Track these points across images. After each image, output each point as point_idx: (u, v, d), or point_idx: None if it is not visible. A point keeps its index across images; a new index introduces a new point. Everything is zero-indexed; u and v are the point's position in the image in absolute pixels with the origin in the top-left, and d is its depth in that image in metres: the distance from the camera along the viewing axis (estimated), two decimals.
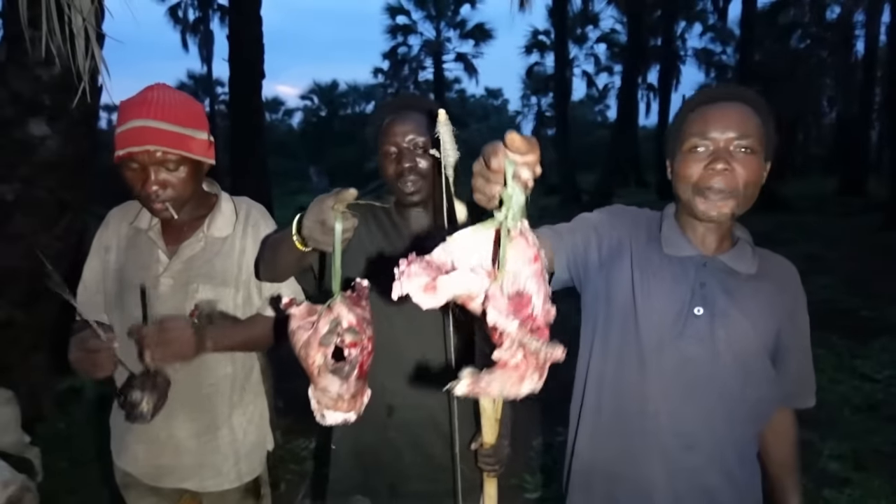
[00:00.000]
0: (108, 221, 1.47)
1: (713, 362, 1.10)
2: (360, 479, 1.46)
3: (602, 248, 1.16)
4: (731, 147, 1.04)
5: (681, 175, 1.09)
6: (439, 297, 0.59)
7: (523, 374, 0.59)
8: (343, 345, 0.83)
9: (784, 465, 1.25)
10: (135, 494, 1.46)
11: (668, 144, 1.16)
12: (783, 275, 1.18)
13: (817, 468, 2.99)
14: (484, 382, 0.59)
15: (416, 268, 0.59)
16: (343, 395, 0.83)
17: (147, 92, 1.30)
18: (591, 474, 1.22)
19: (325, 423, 0.87)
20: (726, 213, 1.07)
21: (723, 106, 1.07)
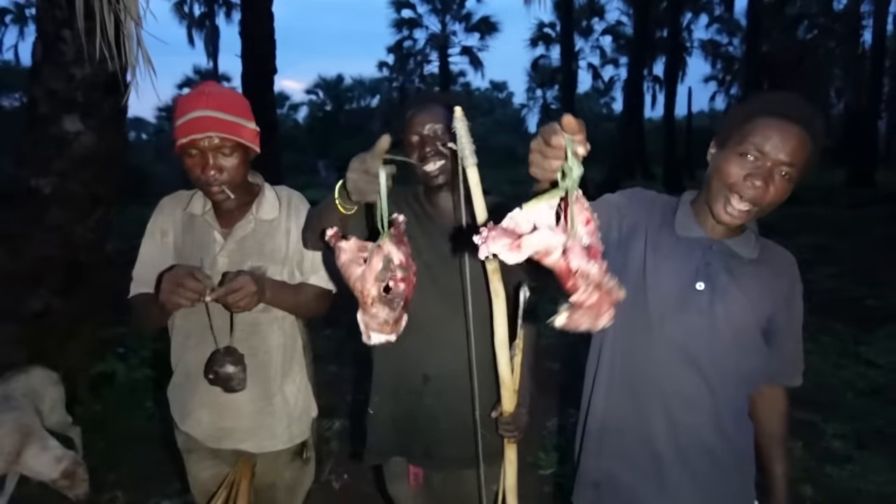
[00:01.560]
0: (162, 208, 1.60)
1: (711, 334, 1.22)
2: (397, 442, 1.59)
3: (622, 227, 1.28)
4: (776, 168, 1.13)
5: (722, 170, 1.17)
6: (523, 253, 0.72)
7: (601, 309, 0.73)
8: (393, 280, 0.97)
9: (773, 436, 1.37)
10: (196, 457, 1.61)
11: (722, 128, 1.24)
12: (782, 263, 1.29)
13: (820, 446, 3.11)
14: (577, 316, 0.73)
15: (496, 233, 0.71)
16: (389, 320, 0.98)
17: (202, 87, 1.46)
18: (603, 431, 1.35)
19: (370, 343, 1.01)
20: (737, 223, 1.19)
21: (786, 126, 1.12)
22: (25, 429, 2.41)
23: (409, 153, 1.52)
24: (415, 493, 1.67)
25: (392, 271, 0.96)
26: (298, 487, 1.69)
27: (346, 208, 1.24)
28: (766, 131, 1.13)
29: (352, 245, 1.00)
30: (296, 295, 1.53)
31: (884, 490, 2.72)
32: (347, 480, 2.90)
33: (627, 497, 1.32)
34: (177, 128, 1.40)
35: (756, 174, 1.13)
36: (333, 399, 3.72)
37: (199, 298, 1.30)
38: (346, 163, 1.26)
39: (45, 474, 2.38)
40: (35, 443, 2.39)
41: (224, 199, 1.45)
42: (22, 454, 2.36)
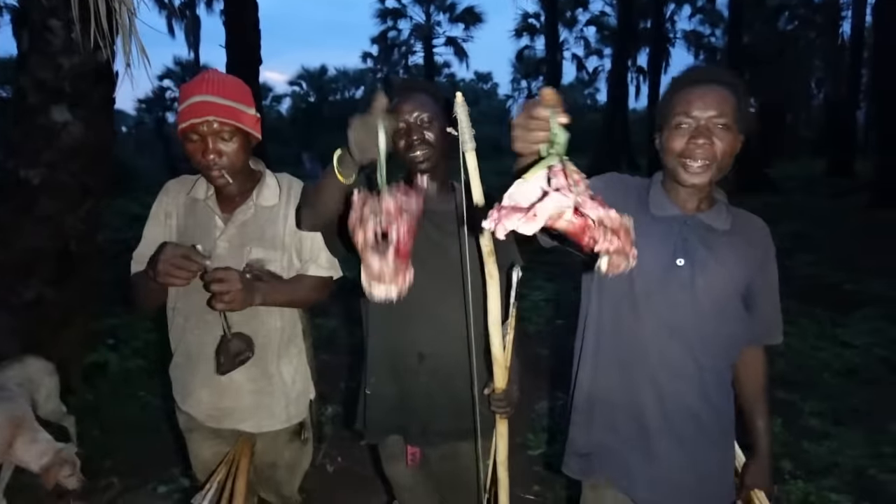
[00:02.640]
0: (167, 190, 1.63)
1: (694, 306, 1.30)
2: (394, 421, 1.64)
3: None
4: (710, 124, 1.23)
5: (668, 147, 1.28)
6: (538, 222, 0.76)
7: (627, 249, 0.79)
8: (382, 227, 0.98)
9: (754, 393, 1.46)
10: (197, 437, 1.66)
11: (657, 119, 1.35)
12: (755, 231, 1.38)
13: (799, 424, 3.23)
14: (614, 261, 0.78)
15: (505, 211, 0.76)
16: (384, 270, 0.98)
17: (204, 74, 1.49)
18: (591, 405, 1.43)
19: (371, 297, 1.01)
20: (705, 180, 1.26)
21: (704, 88, 1.24)
22: (17, 420, 2.42)
23: (395, 139, 1.55)
24: (412, 472, 1.72)
25: (376, 214, 0.98)
26: (297, 467, 1.74)
27: (345, 175, 1.27)
28: (686, 98, 1.25)
29: (359, 198, 1.01)
30: (292, 291, 1.57)
31: (858, 463, 2.84)
32: (342, 463, 2.96)
33: (618, 465, 1.40)
34: (179, 113, 1.44)
35: (696, 135, 1.23)
36: (327, 386, 3.77)
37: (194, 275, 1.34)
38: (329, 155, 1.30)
39: (30, 466, 2.39)
40: (26, 434, 2.40)
41: (224, 184, 1.49)
42: (12, 444, 2.37)
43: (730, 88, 1.25)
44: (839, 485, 2.65)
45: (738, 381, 1.44)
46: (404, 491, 1.77)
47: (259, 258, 1.52)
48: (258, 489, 1.75)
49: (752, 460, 1.46)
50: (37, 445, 2.38)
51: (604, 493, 1.45)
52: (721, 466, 1.42)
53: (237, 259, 1.52)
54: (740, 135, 1.26)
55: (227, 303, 1.38)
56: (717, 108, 1.22)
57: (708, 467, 1.39)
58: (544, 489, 2.74)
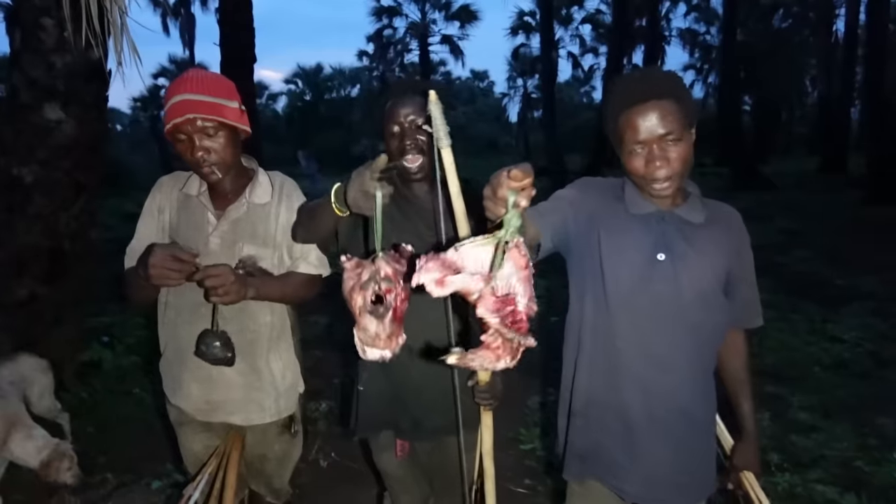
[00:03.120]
0: (160, 186, 1.65)
1: (678, 298, 1.32)
2: (386, 417, 1.66)
3: (578, 219, 1.38)
4: (662, 143, 1.26)
5: (629, 169, 1.31)
6: (446, 290, 0.81)
7: (499, 355, 0.82)
8: (381, 292, 1.02)
9: (738, 377, 1.50)
10: (189, 430, 1.68)
11: (609, 136, 1.36)
12: (729, 220, 1.41)
13: (787, 417, 3.27)
14: (469, 359, 0.82)
15: (431, 264, 0.80)
16: (380, 333, 1.01)
17: (185, 73, 1.51)
18: (588, 407, 1.45)
19: (366, 359, 1.05)
20: (673, 190, 1.30)
21: (645, 109, 1.24)
22: (11, 417, 2.43)
23: (387, 143, 1.56)
24: (401, 463, 1.75)
25: (377, 283, 1.01)
26: (287, 459, 1.76)
27: (341, 210, 1.32)
28: (630, 123, 1.26)
29: (351, 263, 1.06)
30: (283, 287, 1.59)
31: (845, 455, 2.88)
32: (335, 458, 2.98)
33: (608, 464, 1.42)
34: (164, 115, 1.46)
35: (651, 158, 1.26)
36: (320, 382, 3.79)
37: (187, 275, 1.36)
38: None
39: (29, 462, 2.39)
40: (20, 431, 2.41)
41: (216, 180, 1.51)
42: (7, 442, 2.38)
43: (670, 97, 1.26)
44: (826, 477, 2.68)
45: (721, 366, 1.47)
46: (394, 481, 1.80)
47: (251, 255, 1.54)
48: (249, 482, 1.77)
49: (741, 443, 1.50)
50: (33, 441, 2.40)
51: (590, 486, 1.48)
52: (705, 456, 1.45)
53: (229, 255, 1.54)
54: (691, 131, 1.29)
55: (221, 296, 1.39)
56: (662, 125, 1.24)
57: (693, 459, 1.41)
58: (535, 483, 2.77)
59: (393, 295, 1.01)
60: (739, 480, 1.53)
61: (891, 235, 8.39)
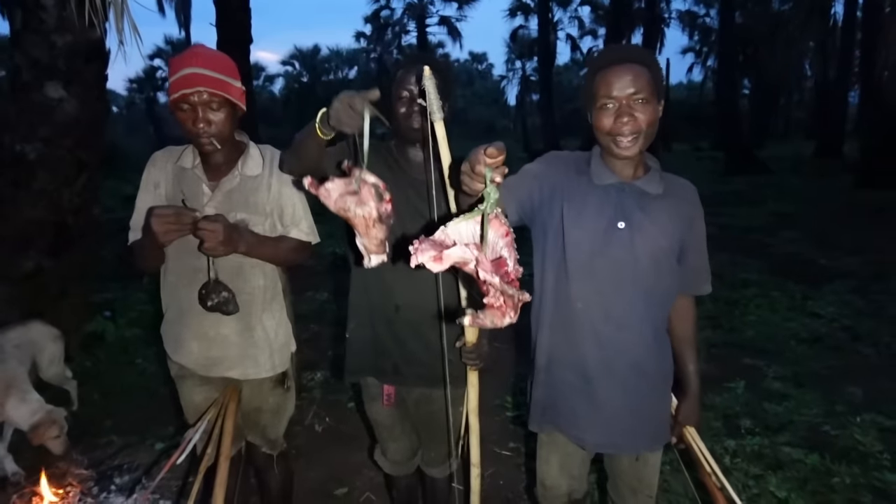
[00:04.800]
0: (154, 161, 1.76)
1: (635, 263, 1.45)
2: (370, 362, 1.80)
3: (543, 190, 1.50)
4: (631, 101, 1.38)
5: (598, 126, 1.43)
6: (445, 264, 0.90)
7: (504, 311, 0.91)
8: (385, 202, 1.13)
9: (685, 339, 1.62)
10: (189, 383, 1.81)
11: (583, 99, 1.49)
12: (684, 193, 1.53)
13: (761, 387, 3.42)
14: (480, 318, 0.91)
15: (425, 245, 0.91)
16: (383, 239, 1.13)
17: (193, 48, 1.62)
18: (549, 363, 1.58)
19: (370, 265, 1.15)
20: (635, 151, 1.41)
21: (619, 69, 1.36)
22: (9, 379, 2.49)
23: (396, 107, 1.66)
24: (389, 412, 1.88)
25: (383, 194, 1.12)
26: (282, 411, 1.90)
27: (324, 133, 1.40)
28: (605, 80, 1.39)
29: (338, 183, 1.13)
30: (275, 248, 1.70)
31: (812, 421, 3.03)
32: (329, 423, 3.14)
33: (568, 414, 1.55)
34: (170, 84, 1.57)
35: (620, 114, 1.37)
36: (315, 354, 3.95)
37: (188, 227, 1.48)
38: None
39: (21, 425, 2.43)
40: (15, 394, 2.45)
41: (212, 151, 1.63)
42: (4, 404, 2.43)
43: (643, 64, 1.39)
44: (793, 439, 2.84)
45: (671, 329, 1.60)
46: (383, 429, 1.94)
47: (243, 218, 1.66)
48: (245, 433, 1.91)
49: (684, 400, 1.62)
50: (27, 405, 2.44)
51: (556, 437, 1.62)
52: (660, 409, 1.59)
53: None
54: (659, 103, 1.41)
55: (212, 243, 1.49)
56: (634, 85, 1.36)
57: (649, 410, 1.55)
58: (519, 445, 2.92)
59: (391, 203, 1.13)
60: (682, 434, 1.66)
61: (879, 218, 8.53)
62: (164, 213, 1.47)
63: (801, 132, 29.02)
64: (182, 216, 1.48)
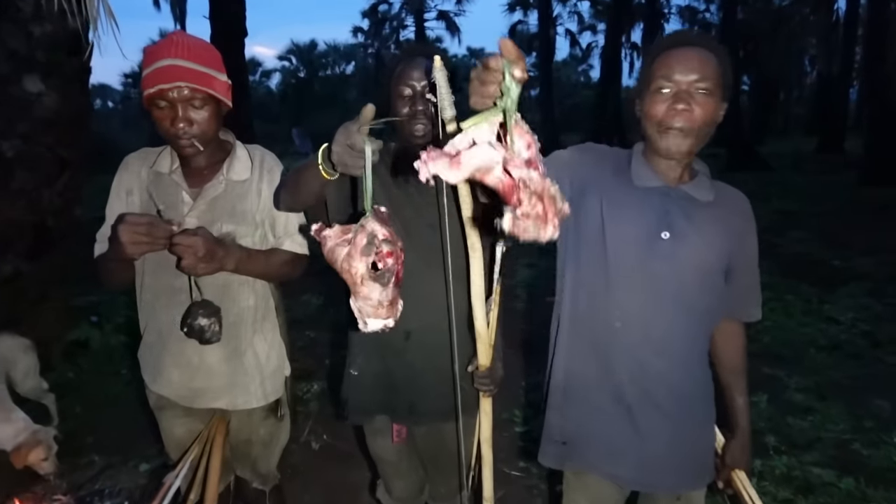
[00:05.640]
0: (126, 165, 1.55)
1: (677, 278, 1.26)
2: (381, 401, 1.60)
3: (574, 184, 1.30)
4: (692, 89, 1.18)
5: (647, 113, 1.23)
6: (463, 171, 0.71)
7: (546, 217, 0.72)
8: (380, 255, 0.94)
9: (734, 369, 1.43)
10: (170, 415, 1.61)
11: (637, 86, 1.30)
12: (736, 203, 1.34)
13: (783, 399, 3.25)
14: (523, 225, 0.72)
15: (436, 154, 0.71)
16: (383, 301, 0.93)
17: (172, 36, 1.41)
18: (568, 390, 1.39)
19: (367, 331, 0.96)
20: (684, 150, 1.21)
21: (685, 51, 1.20)
22: None
23: (396, 106, 1.48)
24: (396, 448, 1.69)
25: (377, 246, 0.93)
26: (274, 443, 1.71)
27: (329, 174, 1.21)
28: (667, 62, 1.20)
29: (335, 230, 0.96)
30: (266, 262, 1.51)
31: (841, 438, 2.86)
32: (326, 440, 2.94)
33: (602, 448, 1.36)
34: (144, 77, 1.37)
35: (676, 100, 1.18)
36: (312, 362, 3.75)
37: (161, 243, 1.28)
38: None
39: (6, 445, 2.21)
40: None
41: (194, 153, 1.43)
42: None
43: (713, 51, 1.20)
44: (822, 459, 2.66)
45: (716, 357, 1.41)
46: (388, 466, 1.75)
47: (229, 231, 1.47)
48: (235, 467, 1.72)
49: (733, 439, 1.43)
50: (11, 425, 2.23)
51: (586, 478, 1.43)
52: (704, 443, 1.41)
53: None
54: (723, 102, 1.22)
55: (191, 261, 1.30)
56: (698, 71, 1.18)
57: (692, 444, 1.37)
58: (530, 465, 2.73)
59: (394, 258, 0.94)
60: (730, 479, 1.47)
61: (888, 216, 8.36)
62: (136, 222, 1.27)
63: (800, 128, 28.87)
64: (156, 228, 1.28)
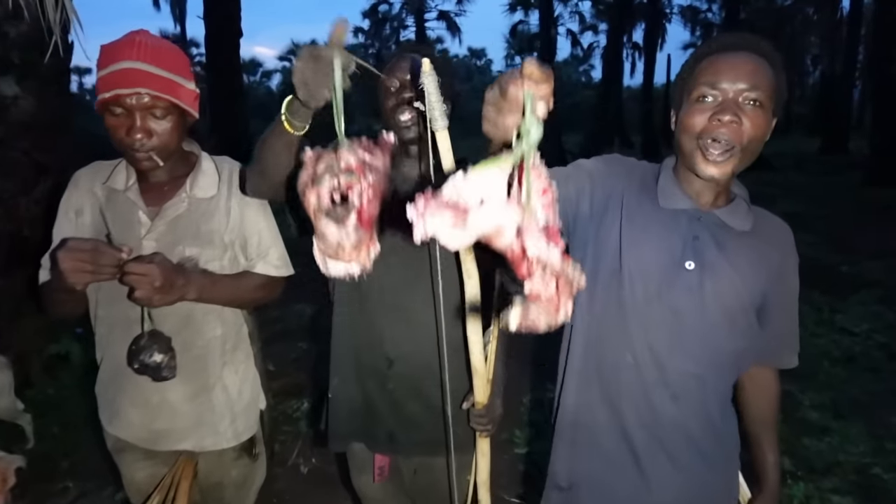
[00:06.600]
0: (76, 182, 1.39)
1: (701, 314, 1.09)
2: (358, 427, 1.47)
3: (595, 197, 1.14)
4: (740, 99, 1.01)
5: (686, 124, 1.05)
6: (469, 234, 0.56)
7: (558, 303, 0.58)
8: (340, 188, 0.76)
9: (764, 422, 1.27)
10: (130, 458, 1.45)
11: (674, 93, 1.12)
12: (777, 234, 1.17)
13: (797, 417, 3.08)
14: (533, 314, 0.58)
15: (434, 207, 0.55)
16: (342, 242, 0.76)
17: (133, 35, 1.24)
18: (575, 429, 1.23)
19: (328, 274, 0.80)
20: (727, 171, 1.04)
21: (736, 55, 1.02)
22: None
23: (384, 100, 1.38)
24: (381, 486, 1.56)
25: (334, 175, 0.75)
26: (249, 485, 1.54)
27: (295, 126, 1.04)
28: (713, 67, 1.03)
29: (310, 154, 0.79)
30: (234, 288, 1.35)
31: (860, 462, 2.70)
32: (315, 464, 2.77)
33: (606, 496, 1.21)
34: (100, 79, 1.21)
35: (722, 110, 1.01)
36: (304, 377, 3.59)
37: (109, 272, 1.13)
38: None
39: None
40: None
41: (151, 168, 1.27)
42: None
43: (767, 58, 1.03)
44: (842, 485, 2.51)
45: (744, 406, 1.25)
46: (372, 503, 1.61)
47: (190, 256, 1.31)
48: None
49: (760, 497, 1.27)
50: None
51: None
52: (725, 496, 1.24)
53: None
54: (773, 120, 1.05)
55: (146, 292, 1.15)
56: (750, 79, 1.00)
57: (708, 497, 1.20)
58: (529, 490, 2.57)
59: (357, 191, 0.76)
60: None
61: (894, 218, 8.19)
62: (78, 248, 1.11)
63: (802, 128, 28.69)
64: (101, 254, 1.12)
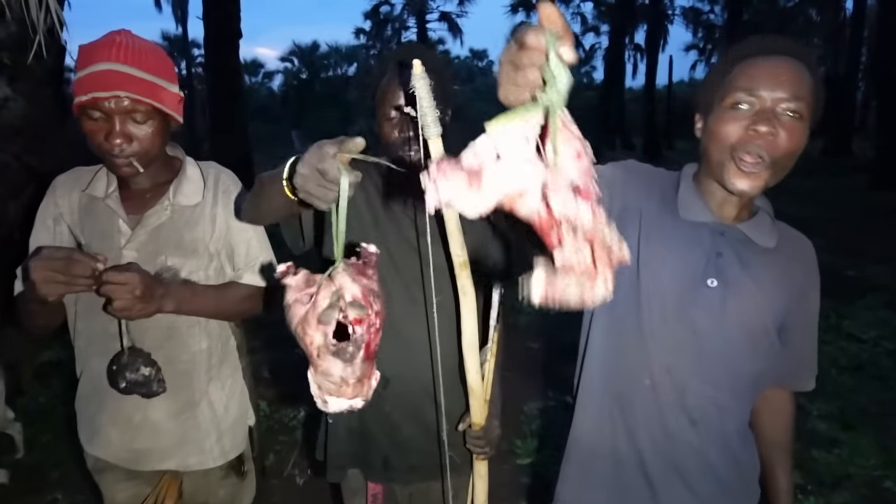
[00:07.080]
0: (54, 189, 1.33)
1: (723, 335, 1.03)
2: (355, 452, 1.41)
3: (613, 207, 1.07)
4: (779, 108, 0.94)
5: (717, 133, 0.98)
6: (487, 197, 0.48)
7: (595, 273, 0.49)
8: (346, 321, 0.70)
9: (779, 445, 1.21)
10: (111, 479, 1.38)
11: (702, 96, 1.05)
12: (800, 252, 1.10)
13: (806, 429, 3.01)
14: (561, 285, 0.49)
15: (448, 168, 0.47)
16: (347, 378, 0.70)
17: (114, 35, 1.18)
18: (587, 452, 1.17)
19: (327, 411, 0.75)
20: (758, 186, 0.96)
21: (775, 60, 0.95)
22: None
23: (384, 127, 1.29)
24: None
25: (342, 310, 0.70)
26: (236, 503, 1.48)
27: (294, 193, 0.96)
28: (750, 71, 0.95)
29: (299, 280, 0.73)
30: (218, 300, 1.29)
31: (871, 475, 2.62)
32: (312, 476, 2.71)
33: None
34: (77, 80, 1.14)
35: (758, 120, 0.93)
36: (299, 385, 3.50)
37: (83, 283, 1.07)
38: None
39: None
40: None
41: (132, 174, 1.21)
42: None
43: (808, 68, 0.96)
44: (853, 500, 2.44)
45: (757, 428, 1.18)
46: None
47: (171, 266, 1.24)
48: None
49: None
50: None
51: None
52: None
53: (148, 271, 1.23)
54: (808, 133, 0.98)
55: (125, 303, 1.10)
56: (790, 88, 0.92)
57: None
58: (531, 503, 2.51)
59: (365, 326, 0.70)
60: None
61: None
62: (51, 257, 1.06)
63: None
64: (74, 264, 1.06)
